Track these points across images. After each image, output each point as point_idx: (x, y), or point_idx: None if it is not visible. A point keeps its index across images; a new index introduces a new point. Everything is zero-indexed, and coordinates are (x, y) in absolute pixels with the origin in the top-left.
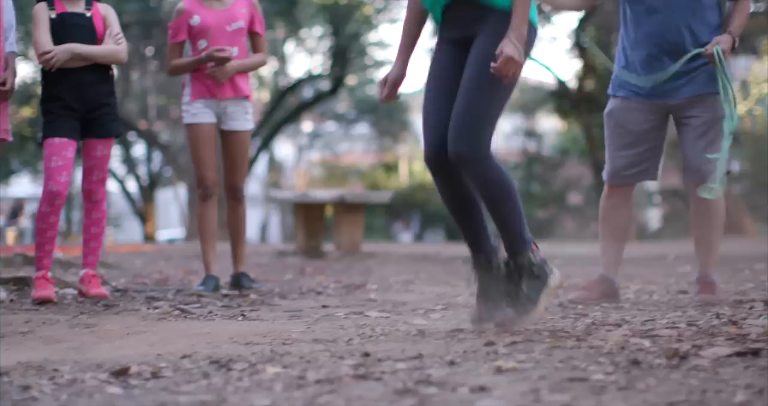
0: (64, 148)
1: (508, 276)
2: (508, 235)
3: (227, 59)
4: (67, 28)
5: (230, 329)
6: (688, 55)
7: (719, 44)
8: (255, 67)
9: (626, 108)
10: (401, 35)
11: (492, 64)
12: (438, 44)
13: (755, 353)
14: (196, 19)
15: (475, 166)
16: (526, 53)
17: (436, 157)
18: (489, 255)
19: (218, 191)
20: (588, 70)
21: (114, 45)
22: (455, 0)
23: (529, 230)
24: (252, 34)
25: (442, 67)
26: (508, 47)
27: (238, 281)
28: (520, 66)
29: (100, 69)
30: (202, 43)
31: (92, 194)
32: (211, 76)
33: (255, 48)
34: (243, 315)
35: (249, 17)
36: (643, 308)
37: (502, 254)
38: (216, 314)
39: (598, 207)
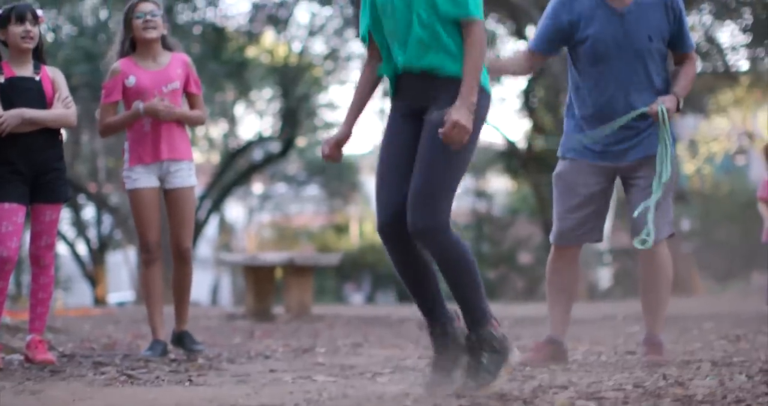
0: (14, 213)
1: (469, 349)
2: (466, 309)
3: (169, 112)
4: (16, 92)
5: (176, 394)
6: (635, 113)
7: (664, 103)
8: (195, 120)
9: (576, 170)
10: (352, 96)
11: (439, 130)
12: (391, 114)
13: None
14: (131, 80)
15: (434, 239)
16: (481, 119)
17: (389, 228)
18: (444, 323)
19: (163, 255)
20: (537, 130)
21: (63, 109)
22: (405, 70)
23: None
24: (188, 95)
25: (395, 138)
26: (454, 112)
27: (181, 341)
28: (467, 132)
29: (49, 133)
30: (139, 104)
31: (40, 259)
32: (154, 112)
33: (192, 107)
34: (190, 380)
35: (184, 77)
36: (590, 369)
37: (462, 326)
38: (163, 380)
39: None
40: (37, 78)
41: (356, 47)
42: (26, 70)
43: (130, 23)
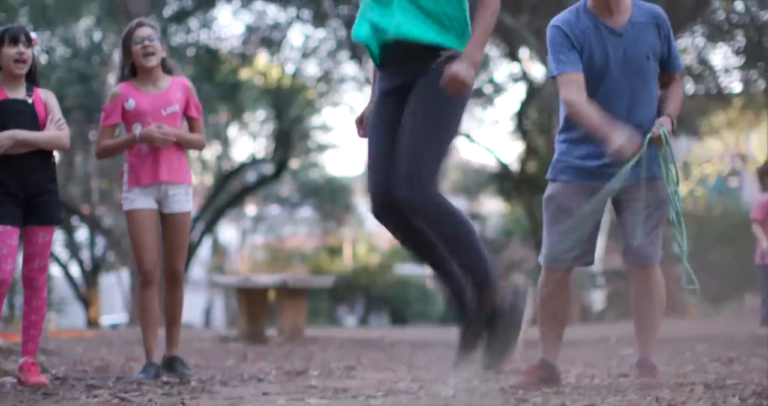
0: (8, 235)
1: (484, 323)
2: (472, 274)
3: (165, 140)
4: (8, 114)
5: None
6: (645, 141)
7: (664, 126)
8: (194, 143)
9: (569, 192)
10: (373, 72)
11: (441, 82)
12: (379, 94)
13: None
14: (131, 103)
15: (423, 208)
16: (462, 105)
17: (381, 209)
18: (461, 285)
19: (159, 277)
20: (530, 152)
21: (56, 131)
22: (396, 42)
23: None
24: (188, 119)
25: (381, 119)
26: (456, 67)
27: (172, 365)
28: (466, 85)
29: (42, 155)
30: (137, 127)
31: (33, 282)
32: (150, 139)
33: (192, 131)
34: (183, 403)
35: (184, 101)
36: (583, 392)
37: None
38: (156, 402)
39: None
40: (30, 100)
41: (350, 69)
42: (19, 93)
43: (129, 49)
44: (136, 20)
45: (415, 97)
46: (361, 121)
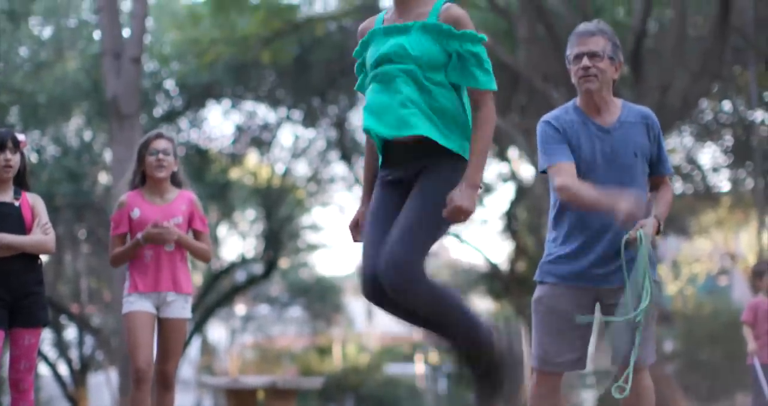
0: None
1: (492, 377)
2: (463, 346)
3: (166, 235)
4: None
5: None
6: (623, 242)
7: (643, 228)
8: (197, 249)
9: (556, 294)
10: (363, 175)
11: (443, 212)
12: (379, 182)
13: None
14: (136, 213)
15: (405, 293)
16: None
17: (369, 292)
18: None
19: (152, 377)
20: (519, 252)
21: (42, 235)
22: (398, 138)
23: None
24: (194, 232)
25: (382, 201)
26: (457, 196)
27: None
28: (471, 213)
29: (28, 258)
30: (139, 235)
31: (19, 383)
32: (152, 239)
33: None
34: None
35: (188, 214)
36: None
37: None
38: None
39: (528, 392)
40: (17, 204)
41: (339, 169)
42: (6, 196)
43: (143, 158)
44: (156, 131)
45: (416, 188)
46: (355, 226)
